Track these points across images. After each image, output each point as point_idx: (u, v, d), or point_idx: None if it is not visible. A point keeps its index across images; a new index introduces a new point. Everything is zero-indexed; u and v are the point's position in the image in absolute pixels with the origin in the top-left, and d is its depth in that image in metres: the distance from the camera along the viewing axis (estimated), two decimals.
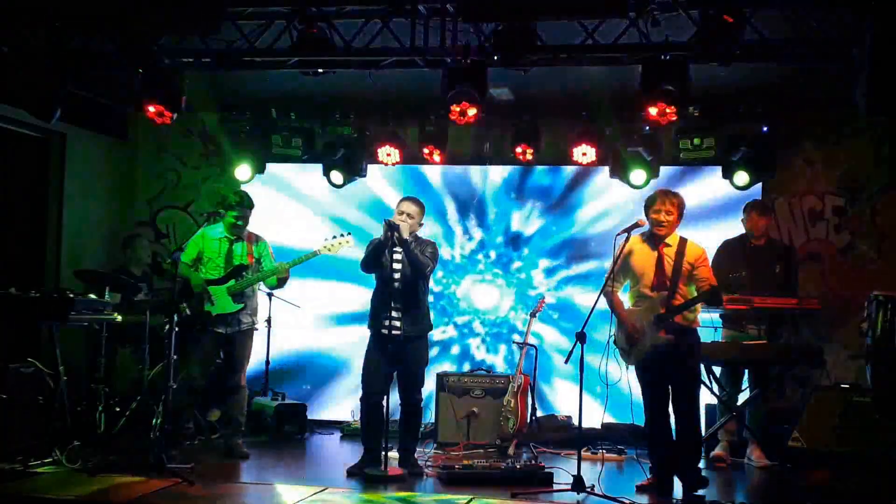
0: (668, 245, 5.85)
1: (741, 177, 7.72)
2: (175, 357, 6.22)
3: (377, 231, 6.81)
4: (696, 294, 5.79)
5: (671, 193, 5.92)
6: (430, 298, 6.71)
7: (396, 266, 6.26)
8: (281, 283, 7.03)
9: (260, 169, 8.66)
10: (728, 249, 7.28)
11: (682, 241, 5.87)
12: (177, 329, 6.20)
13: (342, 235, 6.74)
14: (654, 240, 5.89)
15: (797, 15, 6.10)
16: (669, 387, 5.84)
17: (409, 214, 6.27)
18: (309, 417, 8.09)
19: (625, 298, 6.08)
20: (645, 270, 5.86)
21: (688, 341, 5.82)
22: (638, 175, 7.94)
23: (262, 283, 6.95)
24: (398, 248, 6.22)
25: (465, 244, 8.77)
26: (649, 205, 5.91)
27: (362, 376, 6.35)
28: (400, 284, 6.25)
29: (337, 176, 8.46)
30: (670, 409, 5.91)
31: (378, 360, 6.25)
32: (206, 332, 6.74)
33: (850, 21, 5.90)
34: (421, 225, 6.42)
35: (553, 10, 6.05)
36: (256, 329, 7.12)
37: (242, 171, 8.50)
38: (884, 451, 5.95)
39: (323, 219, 8.88)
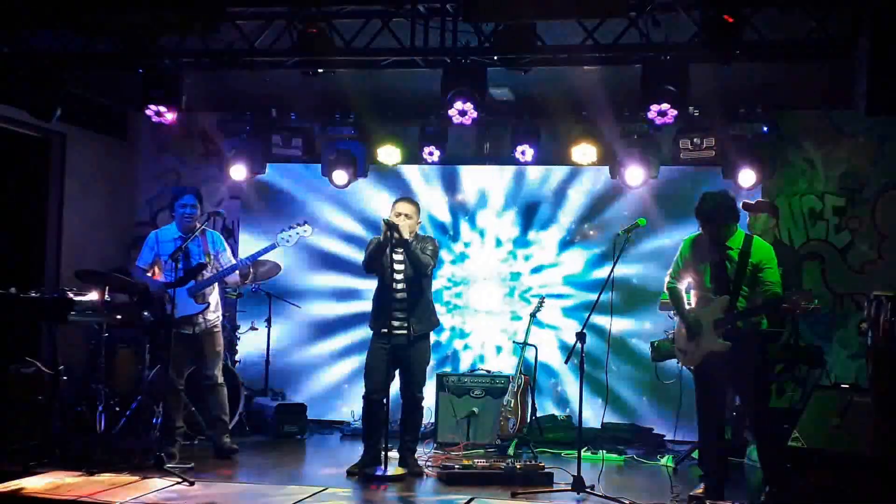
0: (730, 248, 5.65)
1: (742, 177, 7.71)
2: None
3: (376, 231, 6.81)
4: (760, 298, 5.57)
5: (710, 198, 5.76)
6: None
7: (398, 266, 6.26)
8: (243, 278, 6.92)
9: (260, 169, 8.66)
10: None
11: (748, 241, 5.66)
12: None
13: (299, 225, 6.67)
14: (714, 241, 5.72)
15: (797, 15, 6.10)
16: (725, 393, 5.70)
17: (406, 215, 6.26)
18: (309, 417, 8.08)
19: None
20: (706, 272, 5.73)
21: (749, 348, 5.61)
22: (638, 175, 7.94)
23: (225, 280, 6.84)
24: (399, 248, 6.22)
25: (465, 244, 8.76)
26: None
27: (364, 376, 6.35)
28: (403, 284, 6.25)
29: (337, 176, 8.46)
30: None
31: (380, 360, 6.24)
32: (173, 335, 6.58)
33: (850, 21, 5.90)
34: (419, 223, 6.42)
35: (553, 10, 6.05)
36: (222, 326, 7.06)
37: (242, 171, 8.50)
38: (884, 451, 5.94)
39: (322, 219, 8.87)
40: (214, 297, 6.85)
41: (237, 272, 6.81)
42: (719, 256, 5.70)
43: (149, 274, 6.73)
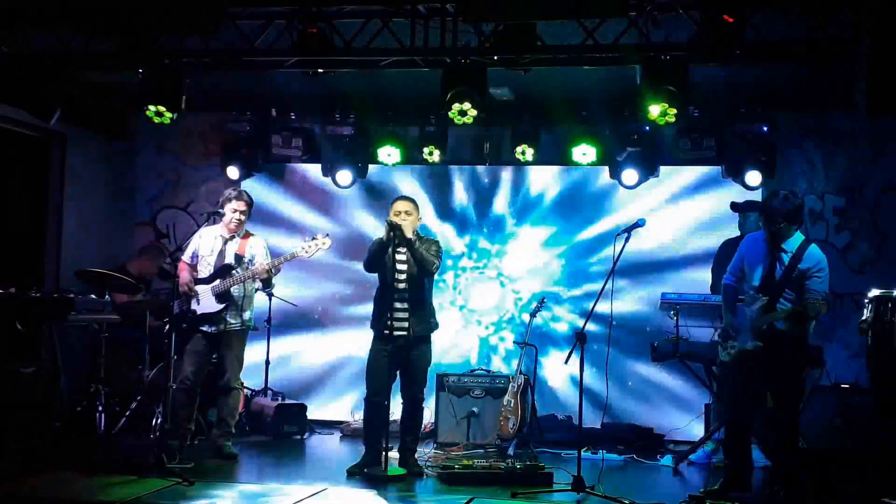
0: (784, 251, 5.60)
1: (749, 177, 7.71)
2: (174, 357, 6.21)
3: (377, 232, 6.81)
4: (806, 304, 5.44)
5: (771, 198, 5.74)
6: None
7: (401, 266, 6.25)
8: (265, 284, 6.87)
9: (260, 169, 8.67)
10: (728, 250, 7.26)
11: (803, 246, 5.60)
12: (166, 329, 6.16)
13: (317, 238, 6.65)
14: (771, 241, 5.68)
15: (797, 15, 6.10)
16: (759, 394, 5.66)
17: (406, 212, 6.27)
18: (309, 417, 8.08)
19: None
20: (752, 269, 5.71)
21: (786, 353, 5.54)
22: (637, 175, 7.94)
23: (250, 283, 6.80)
24: (402, 248, 6.22)
25: (465, 244, 8.76)
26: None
27: (366, 376, 6.34)
28: (406, 284, 6.24)
29: (337, 176, 8.46)
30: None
31: (382, 361, 6.23)
32: (195, 331, 6.65)
33: (850, 21, 5.90)
34: (419, 220, 6.42)
35: (553, 10, 6.04)
36: (254, 329, 7.04)
37: (236, 171, 8.51)
38: (884, 451, 5.95)
39: (322, 219, 8.87)
40: (242, 301, 6.76)
41: (258, 279, 6.78)
42: (772, 257, 5.65)
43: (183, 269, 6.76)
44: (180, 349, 6.60)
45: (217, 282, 6.66)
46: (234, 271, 6.67)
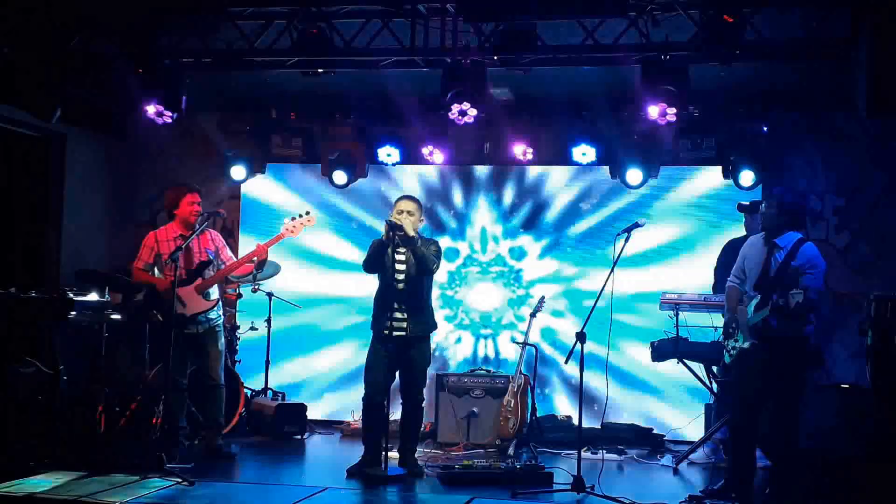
0: (778, 247, 5.59)
1: (742, 177, 7.72)
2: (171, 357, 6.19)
3: (377, 232, 6.82)
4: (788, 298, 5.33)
5: (773, 194, 5.74)
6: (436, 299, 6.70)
7: (400, 266, 6.24)
8: (260, 265, 6.82)
9: (260, 169, 8.67)
10: (732, 251, 7.25)
11: (798, 244, 5.57)
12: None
13: (301, 216, 6.62)
14: (766, 238, 5.68)
15: (797, 15, 6.11)
16: (759, 394, 5.61)
17: (408, 212, 6.26)
18: (309, 417, 8.08)
19: None
20: (752, 269, 5.69)
21: (781, 351, 5.51)
22: (637, 175, 7.95)
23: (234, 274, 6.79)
24: (401, 248, 6.21)
25: (465, 244, 8.76)
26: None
27: (364, 376, 6.34)
28: (404, 285, 6.23)
29: (337, 176, 8.47)
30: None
31: (381, 361, 6.23)
32: (177, 334, 6.51)
33: (850, 21, 5.90)
34: (422, 221, 6.42)
35: (553, 10, 6.06)
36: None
37: (242, 171, 8.51)
38: (884, 452, 5.95)
39: (322, 219, 8.86)
40: (216, 295, 6.82)
41: (251, 262, 6.70)
42: (768, 255, 5.64)
43: (151, 274, 6.70)
44: (166, 352, 6.55)
45: (199, 281, 6.58)
46: (208, 268, 6.60)
